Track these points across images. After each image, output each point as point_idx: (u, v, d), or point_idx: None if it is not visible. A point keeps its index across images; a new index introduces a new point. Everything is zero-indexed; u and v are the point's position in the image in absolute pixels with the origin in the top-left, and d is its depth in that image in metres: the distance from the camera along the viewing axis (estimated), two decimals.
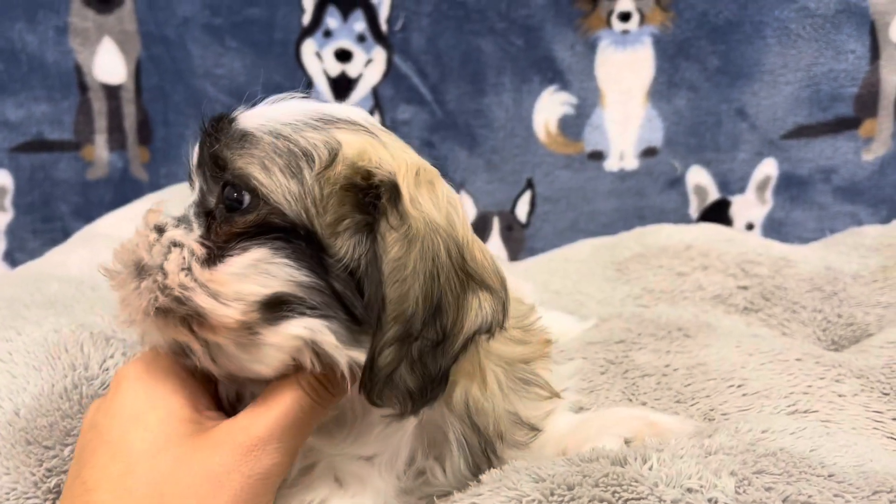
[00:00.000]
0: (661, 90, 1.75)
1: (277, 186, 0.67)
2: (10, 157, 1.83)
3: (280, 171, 0.67)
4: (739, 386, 0.99)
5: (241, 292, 0.66)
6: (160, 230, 0.71)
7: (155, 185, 1.84)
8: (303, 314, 0.67)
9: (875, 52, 1.67)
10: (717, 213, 1.78)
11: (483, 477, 0.76)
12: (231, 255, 0.67)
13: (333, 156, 0.68)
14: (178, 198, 1.60)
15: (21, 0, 1.75)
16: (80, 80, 1.82)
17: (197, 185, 0.74)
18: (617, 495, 0.65)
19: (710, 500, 0.64)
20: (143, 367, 0.73)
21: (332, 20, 1.78)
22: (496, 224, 1.83)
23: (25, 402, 0.89)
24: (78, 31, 1.80)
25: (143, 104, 1.85)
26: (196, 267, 0.67)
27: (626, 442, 0.80)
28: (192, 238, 0.69)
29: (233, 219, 0.68)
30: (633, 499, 0.65)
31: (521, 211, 1.83)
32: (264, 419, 0.68)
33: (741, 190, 1.77)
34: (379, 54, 1.78)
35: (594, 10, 1.73)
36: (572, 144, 1.80)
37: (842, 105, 1.70)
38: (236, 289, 0.66)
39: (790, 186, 1.76)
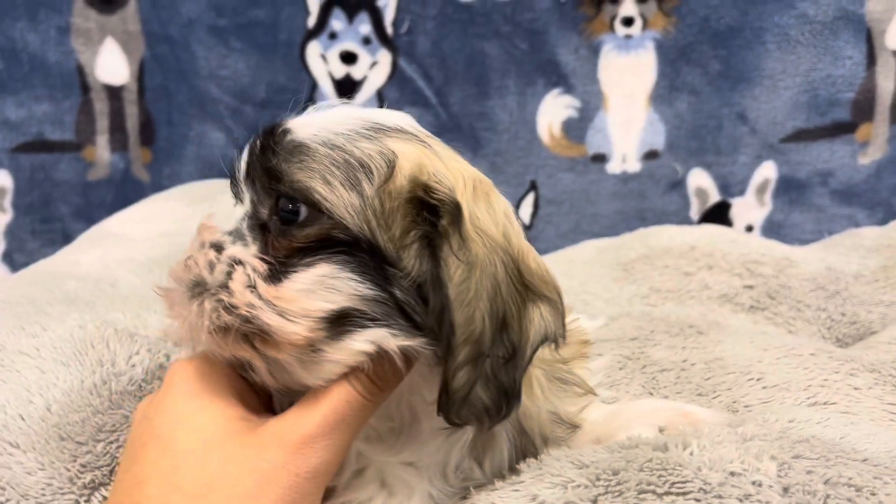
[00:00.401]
0: (663, 94, 1.77)
1: (340, 200, 0.66)
2: (10, 157, 1.82)
3: (341, 184, 0.66)
4: (759, 379, 1.01)
5: (307, 309, 0.65)
6: (218, 248, 0.69)
7: (157, 186, 1.83)
8: (364, 327, 0.66)
9: (871, 59, 1.71)
10: (718, 215, 1.80)
11: (521, 466, 0.77)
12: (295, 271, 0.66)
13: (391, 168, 0.67)
14: (187, 199, 1.61)
15: None
16: (81, 81, 1.81)
17: (248, 197, 0.72)
18: (663, 479, 0.67)
19: (754, 483, 0.65)
20: (193, 369, 0.72)
21: (337, 22, 1.79)
22: None
23: (56, 397, 0.88)
24: (80, 32, 1.79)
25: (146, 105, 1.84)
26: (261, 284, 0.66)
27: (660, 431, 0.81)
28: (250, 254, 0.68)
29: (291, 232, 0.67)
30: (678, 482, 0.66)
31: (525, 213, 1.84)
32: (313, 416, 0.67)
33: (741, 192, 1.80)
34: (384, 57, 1.79)
35: (598, 15, 1.75)
36: (575, 147, 1.81)
37: (839, 110, 1.73)
38: (303, 305, 0.65)
39: (789, 189, 1.78)
